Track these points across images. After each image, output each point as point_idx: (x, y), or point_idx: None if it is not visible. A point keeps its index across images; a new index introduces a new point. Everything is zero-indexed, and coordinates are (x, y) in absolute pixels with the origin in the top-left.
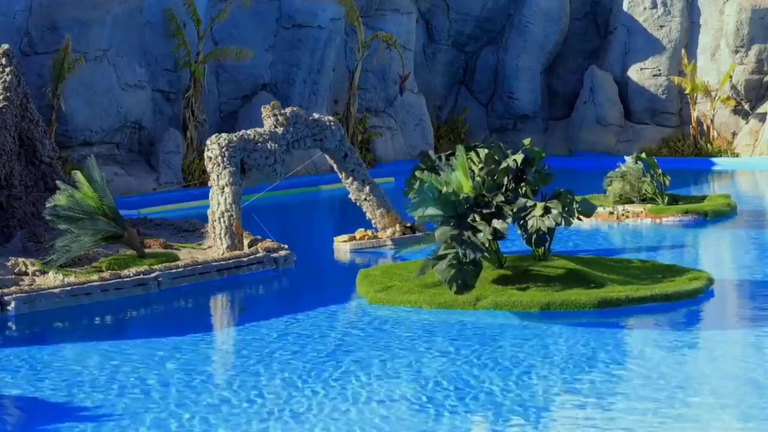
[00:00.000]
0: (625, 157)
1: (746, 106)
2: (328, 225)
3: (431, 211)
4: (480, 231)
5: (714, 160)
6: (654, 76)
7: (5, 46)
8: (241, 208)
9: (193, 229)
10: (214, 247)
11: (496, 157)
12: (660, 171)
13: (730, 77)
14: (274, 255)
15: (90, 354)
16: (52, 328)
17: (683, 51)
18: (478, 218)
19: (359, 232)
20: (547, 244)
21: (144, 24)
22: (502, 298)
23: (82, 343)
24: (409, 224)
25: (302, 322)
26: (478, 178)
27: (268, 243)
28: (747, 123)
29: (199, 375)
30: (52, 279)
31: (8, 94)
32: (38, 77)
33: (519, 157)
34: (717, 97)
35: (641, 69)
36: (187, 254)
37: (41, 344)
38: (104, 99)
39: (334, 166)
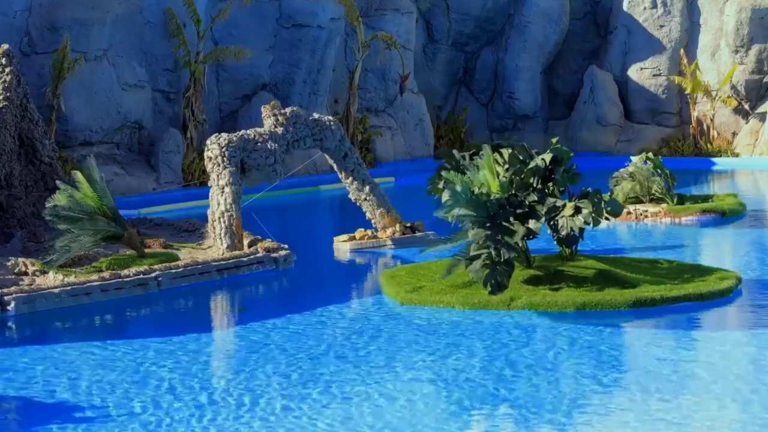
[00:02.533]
0: (632, 157)
1: (746, 106)
2: (328, 225)
3: (461, 211)
4: (513, 231)
5: (714, 160)
6: (654, 76)
7: (5, 46)
8: (241, 208)
9: (193, 229)
10: (214, 247)
11: (521, 157)
12: (668, 171)
13: (730, 77)
14: (274, 255)
15: (90, 354)
16: (52, 328)
17: (683, 51)
18: (511, 218)
19: (359, 232)
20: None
21: (144, 24)
22: (536, 299)
23: (82, 343)
24: (408, 224)
25: (323, 321)
26: (503, 178)
27: (268, 243)
28: (747, 123)
29: (199, 375)
30: (52, 279)
31: (8, 94)
32: (38, 77)
33: (548, 156)
34: (717, 97)
35: (641, 69)
36: (187, 254)
37: (41, 344)
38: (104, 99)
39: (334, 166)
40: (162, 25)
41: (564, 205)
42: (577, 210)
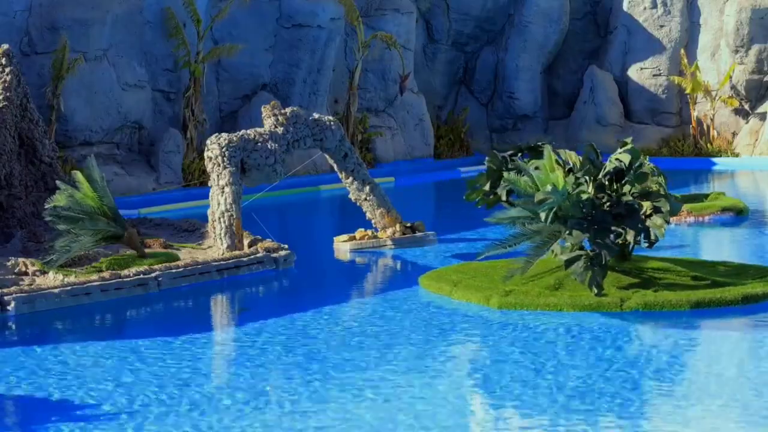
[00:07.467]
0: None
1: (746, 106)
2: (328, 225)
3: (514, 212)
4: (613, 232)
5: (714, 159)
6: (654, 76)
7: (5, 46)
8: (241, 208)
9: (193, 229)
10: (214, 247)
11: (590, 158)
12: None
13: (730, 77)
14: (274, 255)
15: (90, 354)
16: (52, 328)
17: (683, 51)
18: (610, 219)
19: (359, 232)
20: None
21: (144, 24)
22: (648, 298)
23: (82, 344)
24: (408, 224)
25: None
26: (567, 178)
27: (268, 243)
28: (747, 123)
29: (199, 375)
30: (52, 279)
31: (8, 94)
32: (38, 77)
33: (625, 156)
34: (717, 97)
35: (641, 69)
36: (187, 254)
37: (41, 344)
38: (104, 99)
39: (334, 166)
40: (162, 25)
41: (640, 205)
42: (656, 210)
